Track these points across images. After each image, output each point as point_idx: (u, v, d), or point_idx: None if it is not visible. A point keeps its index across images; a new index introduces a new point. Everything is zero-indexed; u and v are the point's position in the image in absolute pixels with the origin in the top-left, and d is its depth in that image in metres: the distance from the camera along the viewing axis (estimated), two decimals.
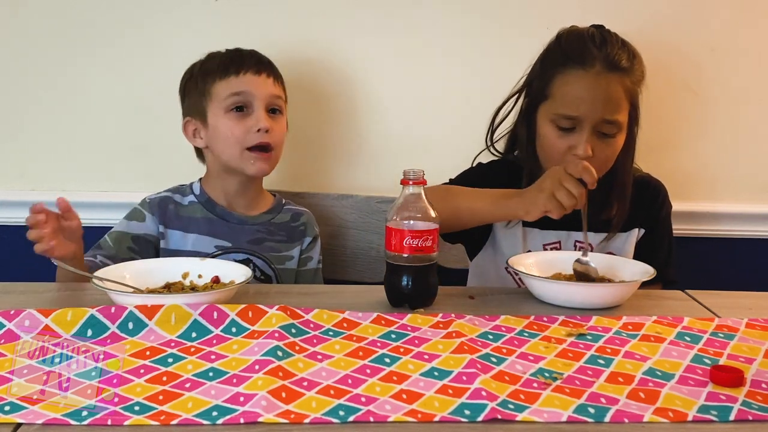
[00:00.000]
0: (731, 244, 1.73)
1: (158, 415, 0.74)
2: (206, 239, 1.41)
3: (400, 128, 1.67)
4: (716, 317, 1.07)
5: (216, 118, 1.39)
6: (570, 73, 1.29)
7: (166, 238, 1.41)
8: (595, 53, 1.27)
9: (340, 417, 0.74)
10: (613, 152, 1.32)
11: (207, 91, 1.40)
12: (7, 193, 1.67)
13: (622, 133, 1.32)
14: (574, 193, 1.12)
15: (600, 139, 1.29)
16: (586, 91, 1.27)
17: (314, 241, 1.50)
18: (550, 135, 1.32)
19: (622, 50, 1.29)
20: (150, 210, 1.41)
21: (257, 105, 1.39)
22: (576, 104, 1.28)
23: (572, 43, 1.32)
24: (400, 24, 1.64)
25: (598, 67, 1.27)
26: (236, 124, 1.38)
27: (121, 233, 1.39)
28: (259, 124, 1.38)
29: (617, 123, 1.29)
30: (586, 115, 1.27)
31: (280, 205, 1.51)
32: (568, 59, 1.30)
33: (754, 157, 1.70)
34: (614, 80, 1.28)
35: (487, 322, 1.03)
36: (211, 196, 1.45)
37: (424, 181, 1.09)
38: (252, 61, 1.42)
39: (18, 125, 1.66)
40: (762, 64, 1.67)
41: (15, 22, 1.62)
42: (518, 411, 0.76)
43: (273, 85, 1.43)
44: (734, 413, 0.77)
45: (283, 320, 0.97)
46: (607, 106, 1.27)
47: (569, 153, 1.29)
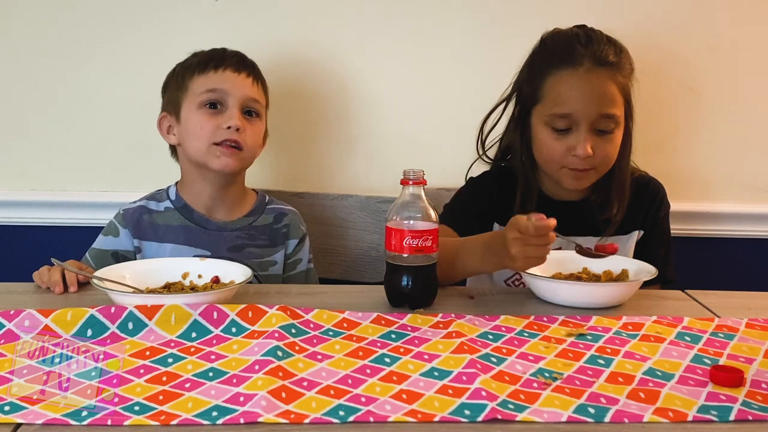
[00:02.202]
0: (731, 244, 1.73)
1: (158, 415, 0.74)
2: (184, 248, 1.37)
3: (400, 128, 1.67)
4: (716, 317, 1.07)
5: (189, 113, 1.36)
6: (560, 73, 1.29)
7: (142, 251, 1.38)
8: (582, 51, 1.28)
9: (340, 417, 0.74)
10: (613, 148, 1.31)
11: (184, 85, 1.37)
12: (7, 193, 1.67)
13: (620, 129, 1.31)
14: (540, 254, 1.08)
15: (599, 137, 1.28)
16: (578, 89, 1.27)
17: (301, 242, 1.46)
18: (547, 138, 1.31)
19: (608, 46, 1.29)
20: (123, 224, 1.38)
21: (231, 103, 1.35)
22: (570, 102, 1.27)
23: (558, 44, 1.32)
24: (400, 24, 1.64)
25: (587, 64, 1.27)
26: (207, 120, 1.34)
27: (100, 251, 1.37)
28: (230, 122, 1.34)
29: (614, 117, 1.28)
30: (582, 112, 1.27)
31: (263, 205, 1.46)
32: (556, 60, 1.30)
33: (753, 157, 1.70)
34: (605, 75, 1.27)
35: (487, 322, 1.03)
36: (187, 202, 1.41)
37: (424, 181, 1.09)
38: (234, 59, 1.39)
39: (18, 125, 1.66)
40: (762, 63, 1.67)
41: (15, 22, 1.62)
42: (518, 411, 0.76)
43: (251, 86, 1.39)
44: (734, 413, 0.77)
45: (283, 320, 0.97)
46: (601, 101, 1.27)
47: (568, 154, 1.29)
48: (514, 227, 1.06)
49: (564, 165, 1.31)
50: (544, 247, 1.07)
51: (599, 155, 1.29)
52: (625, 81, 1.30)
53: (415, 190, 1.08)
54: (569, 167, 1.30)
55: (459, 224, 1.32)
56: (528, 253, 1.07)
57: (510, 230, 1.07)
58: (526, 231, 1.04)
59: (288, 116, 1.66)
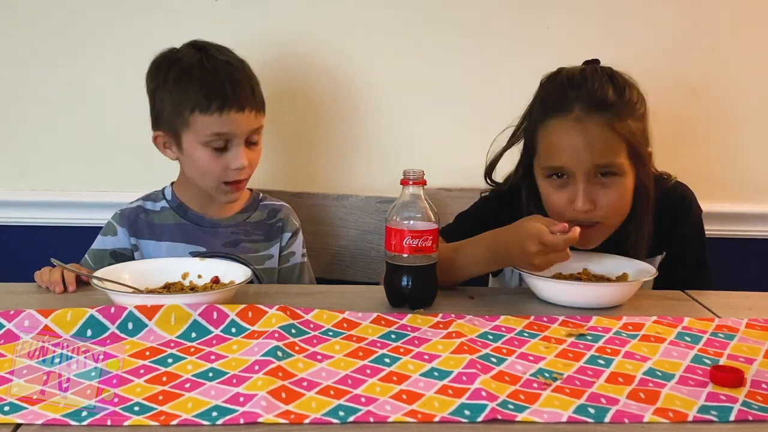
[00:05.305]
0: (731, 244, 1.73)
1: (158, 415, 0.74)
2: (180, 246, 1.39)
3: (400, 128, 1.67)
4: (716, 317, 1.07)
5: (193, 149, 1.33)
6: (549, 123, 1.20)
7: (139, 249, 1.39)
8: (572, 97, 1.17)
9: (340, 417, 0.74)
10: (619, 197, 1.19)
11: (184, 118, 1.31)
12: (7, 193, 1.67)
13: (626, 175, 1.19)
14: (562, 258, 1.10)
15: (600, 186, 1.18)
16: (566, 140, 1.17)
17: (294, 235, 1.47)
18: (547, 191, 1.23)
19: (607, 84, 1.18)
20: (120, 223, 1.39)
21: (237, 142, 1.33)
22: (559, 155, 1.18)
23: (550, 90, 1.23)
24: (401, 24, 1.63)
25: (576, 111, 1.17)
26: (214, 160, 1.33)
27: (99, 251, 1.38)
28: (237, 162, 1.32)
29: (614, 166, 1.17)
30: (574, 164, 1.17)
31: (257, 202, 1.47)
32: (548, 108, 1.21)
33: (754, 158, 1.70)
34: (598, 122, 1.16)
35: (487, 322, 1.03)
36: (182, 201, 1.42)
37: (424, 181, 1.09)
38: (236, 94, 1.31)
39: (18, 125, 1.66)
40: (763, 65, 1.67)
41: (15, 23, 1.62)
42: (518, 411, 0.76)
43: (255, 119, 1.35)
44: (734, 413, 0.77)
45: (282, 320, 0.97)
46: (594, 151, 1.16)
47: (570, 207, 1.19)
48: (536, 239, 1.08)
49: (570, 219, 1.18)
50: (565, 251, 1.10)
51: (602, 206, 1.18)
52: (626, 124, 1.17)
53: (415, 190, 1.08)
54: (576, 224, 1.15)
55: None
56: (552, 261, 1.11)
57: (531, 243, 1.08)
58: (556, 246, 1.08)
59: (288, 116, 1.66)
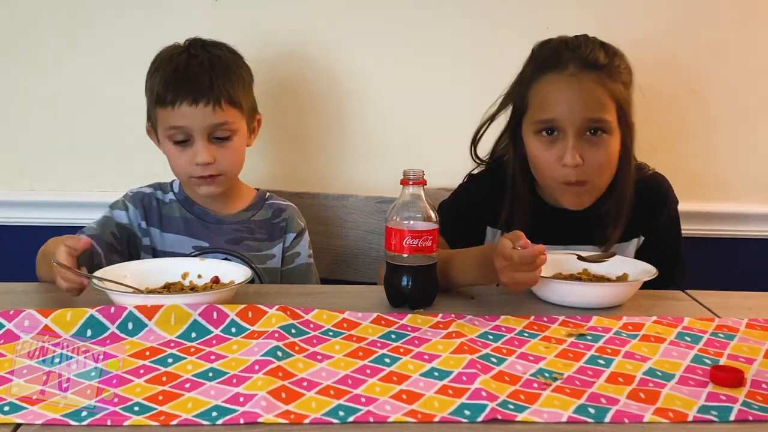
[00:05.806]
0: (731, 244, 1.73)
1: (158, 415, 0.74)
2: (184, 239, 1.40)
3: (400, 128, 1.67)
4: (716, 317, 1.07)
5: (163, 142, 1.36)
6: (544, 78, 1.24)
7: (149, 235, 1.40)
8: (568, 55, 1.23)
9: (340, 417, 0.74)
10: (606, 156, 1.23)
11: (154, 111, 1.35)
12: (7, 193, 1.67)
13: (613, 136, 1.23)
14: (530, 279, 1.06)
15: (589, 144, 1.22)
16: (561, 93, 1.22)
17: (299, 235, 1.46)
18: (537, 149, 1.25)
19: (598, 49, 1.24)
20: (133, 203, 1.41)
21: (197, 137, 1.32)
22: (553, 107, 1.22)
23: (545, 51, 1.28)
24: (401, 23, 1.63)
25: (571, 67, 1.22)
26: (178, 154, 1.34)
27: (107, 218, 1.39)
28: (197, 158, 1.32)
29: (603, 122, 1.21)
30: (566, 117, 1.21)
31: (262, 201, 1.47)
32: (542, 66, 1.25)
33: (755, 158, 1.70)
34: (591, 78, 1.21)
35: (487, 322, 1.03)
36: (188, 195, 1.44)
37: (424, 181, 1.09)
38: (187, 88, 1.30)
39: (18, 125, 1.66)
40: (765, 65, 1.66)
41: (15, 23, 1.62)
42: (518, 411, 0.76)
43: (212, 114, 1.31)
44: (734, 413, 0.77)
45: (282, 320, 0.97)
46: (586, 105, 1.21)
47: (559, 165, 1.22)
48: (500, 255, 1.05)
49: (559, 180, 1.24)
50: (533, 272, 1.05)
51: (590, 164, 1.22)
52: (617, 85, 1.23)
53: (415, 190, 1.08)
54: (564, 182, 1.24)
55: (451, 231, 1.28)
56: (517, 279, 1.06)
57: (497, 259, 1.06)
58: (511, 260, 1.04)
59: (288, 116, 1.66)
